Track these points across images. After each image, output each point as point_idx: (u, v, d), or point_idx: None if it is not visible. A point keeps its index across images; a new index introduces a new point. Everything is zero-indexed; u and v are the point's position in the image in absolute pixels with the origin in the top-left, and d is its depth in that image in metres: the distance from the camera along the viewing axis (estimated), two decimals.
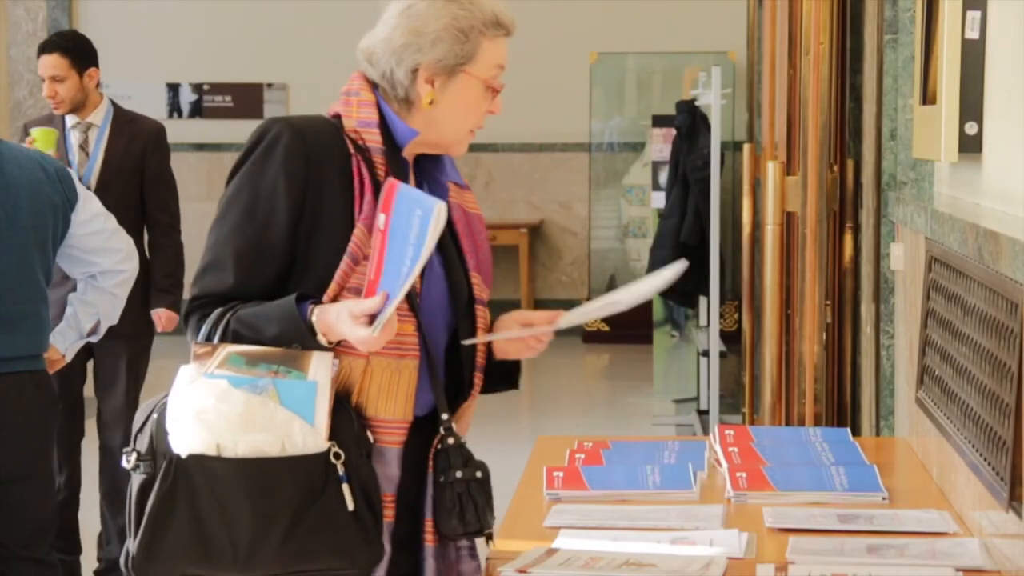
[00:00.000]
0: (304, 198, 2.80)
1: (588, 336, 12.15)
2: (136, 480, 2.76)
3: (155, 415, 2.77)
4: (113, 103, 5.94)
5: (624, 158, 12.60)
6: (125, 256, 4.58)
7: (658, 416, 9.38)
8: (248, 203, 2.80)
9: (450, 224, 2.92)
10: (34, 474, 4.39)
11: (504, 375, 3.02)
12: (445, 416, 2.85)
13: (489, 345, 2.96)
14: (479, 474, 2.83)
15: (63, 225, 4.43)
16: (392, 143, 2.87)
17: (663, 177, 9.15)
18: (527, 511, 3.34)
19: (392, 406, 2.80)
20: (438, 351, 2.89)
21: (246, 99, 12.80)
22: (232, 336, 2.76)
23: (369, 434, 2.78)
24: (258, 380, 2.71)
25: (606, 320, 12.21)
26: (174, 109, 12.87)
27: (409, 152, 2.92)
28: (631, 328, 11.65)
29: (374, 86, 2.90)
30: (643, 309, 10.31)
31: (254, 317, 2.75)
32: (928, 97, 3.62)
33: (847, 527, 3.16)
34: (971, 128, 3.28)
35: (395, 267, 2.69)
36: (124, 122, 5.91)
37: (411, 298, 2.80)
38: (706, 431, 8.16)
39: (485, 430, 5.59)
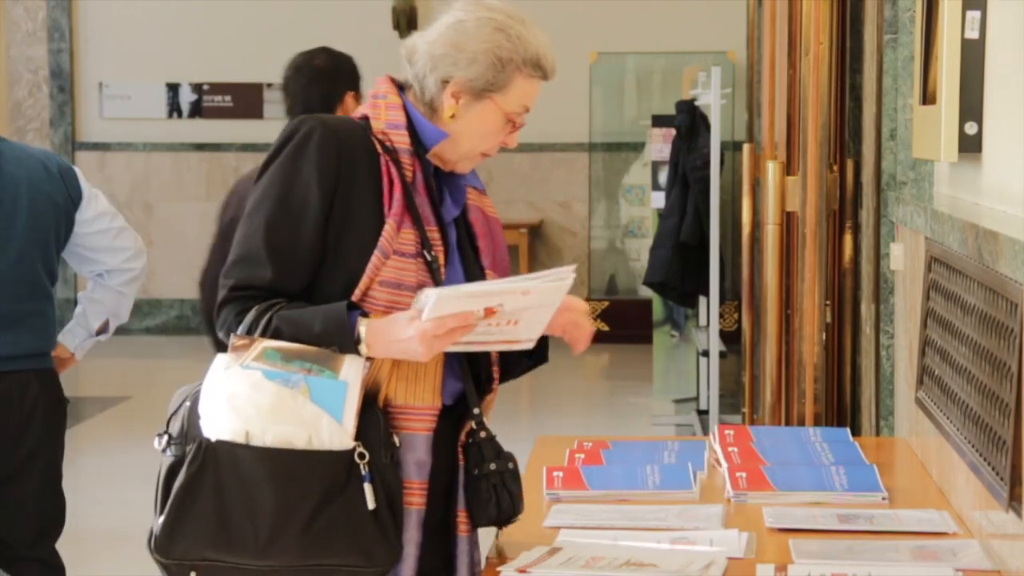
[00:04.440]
0: (335, 193, 2.87)
1: None
2: (165, 462, 2.82)
3: (188, 403, 2.83)
4: None
5: (624, 158, 12.60)
6: (133, 255, 4.57)
7: (658, 416, 9.38)
8: (282, 197, 2.87)
9: (468, 226, 3.04)
10: (38, 473, 4.40)
11: (534, 352, 3.04)
12: (476, 411, 2.93)
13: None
14: (511, 465, 2.93)
15: (66, 224, 4.43)
16: (419, 145, 2.94)
17: (663, 177, 9.15)
18: (527, 511, 3.32)
19: (420, 393, 2.87)
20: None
21: (246, 99, 12.80)
22: (272, 332, 2.81)
23: (395, 437, 2.84)
24: (291, 375, 2.77)
25: (606, 320, 12.21)
26: (174, 109, 12.86)
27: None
28: (631, 328, 11.65)
29: (400, 88, 2.98)
30: (643, 309, 10.34)
31: (299, 315, 2.81)
32: (928, 97, 3.62)
33: (847, 527, 3.16)
34: (971, 128, 3.28)
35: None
36: None
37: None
38: (706, 431, 8.16)
39: None
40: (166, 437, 2.82)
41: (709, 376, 7.81)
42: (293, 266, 2.86)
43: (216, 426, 2.76)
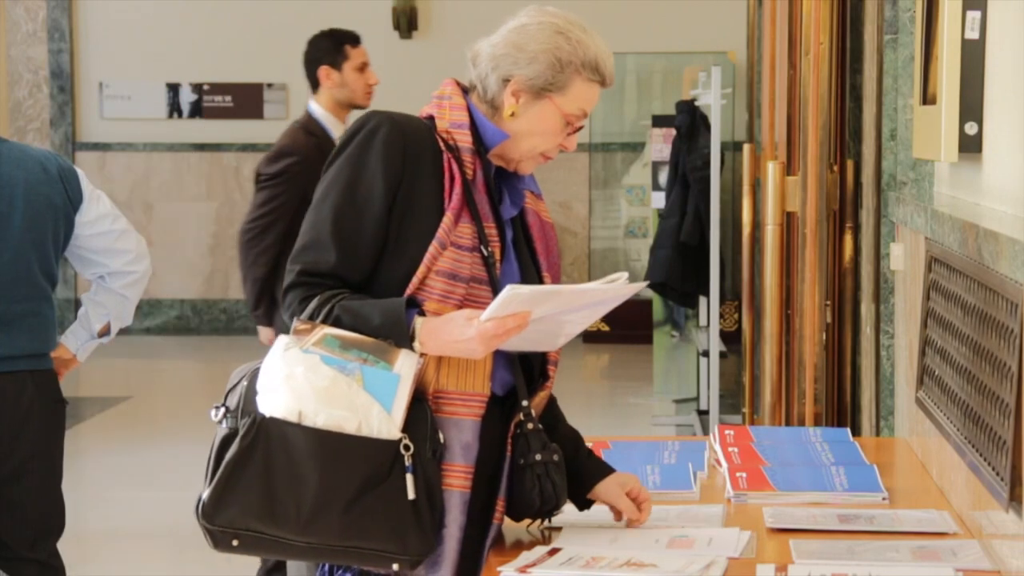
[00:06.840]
0: (399, 185, 2.98)
1: (588, 336, 12.15)
2: (220, 433, 2.91)
3: (246, 381, 2.93)
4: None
5: (624, 158, 12.60)
6: (135, 257, 4.56)
7: (658, 416, 9.38)
8: (348, 186, 2.99)
9: (526, 228, 3.13)
10: (36, 474, 4.39)
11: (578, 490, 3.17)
12: (525, 403, 3.03)
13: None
14: (556, 457, 3.02)
15: (65, 226, 4.42)
16: (480, 144, 3.05)
17: (663, 177, 9.15)
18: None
19: (471, 380, 2.96)
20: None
21: (246, 99, 12.80)
22: (333, 321, 2.92)
23: (440, 434, 2.92)
24: (347, 363, 2.87)
25: (606, 320, 12.22)
26: (174, 109, 12.86)
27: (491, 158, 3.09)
28: (631, 328, 11.65)
29: (465, 91, 3.09)
30: (643, 309, 10.34)
31: (360, 307, 2.93)
32: (928, 97, 3.62)
33: (847, 527, 3.16)
34: (971, 128, 3.28)
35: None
36: None
37: (492, 285, 2.98)
38: (706, 431, 8.16)
39: None
40: (223, 409, 2.92)
41: (709, 376, 7.81)
42: (356, 253, 2.97)
43: (271, 403, 2.85)
